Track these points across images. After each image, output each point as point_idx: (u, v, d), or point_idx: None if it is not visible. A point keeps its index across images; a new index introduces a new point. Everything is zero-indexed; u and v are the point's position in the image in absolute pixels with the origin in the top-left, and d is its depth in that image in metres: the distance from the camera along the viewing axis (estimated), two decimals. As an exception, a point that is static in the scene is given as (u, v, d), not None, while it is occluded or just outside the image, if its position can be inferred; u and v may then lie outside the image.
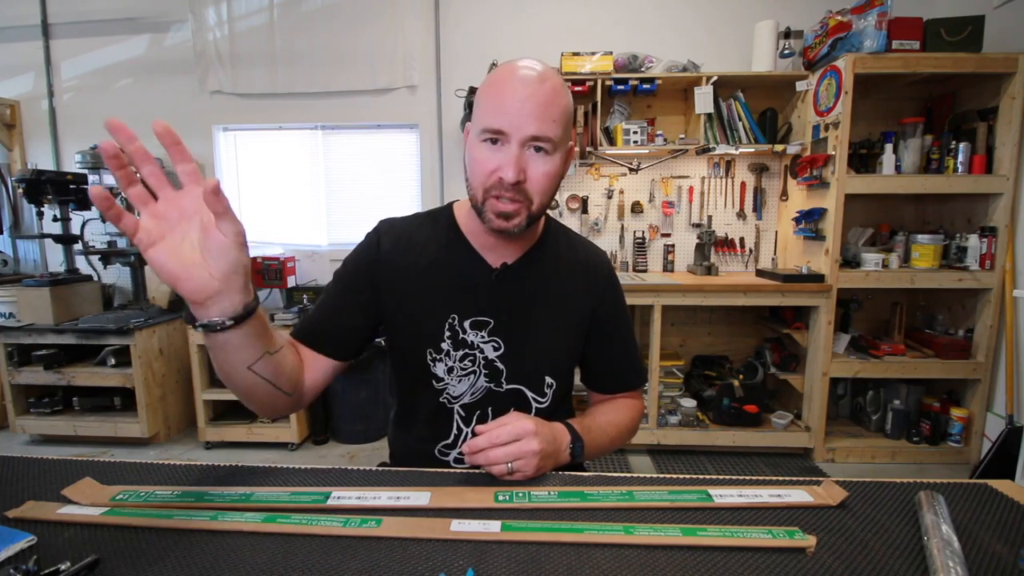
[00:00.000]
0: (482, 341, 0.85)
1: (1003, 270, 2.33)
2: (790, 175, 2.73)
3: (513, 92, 0.73)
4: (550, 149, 0.75)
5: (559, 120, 0.75)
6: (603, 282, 0.93)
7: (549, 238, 0.92)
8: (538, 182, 0.76)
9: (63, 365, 2.68)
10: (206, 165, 3.10)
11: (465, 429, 0.88)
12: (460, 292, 0.86)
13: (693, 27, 2.82)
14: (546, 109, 0.73)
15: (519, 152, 0.74)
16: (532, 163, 0.75)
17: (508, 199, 0.76)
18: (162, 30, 3.00)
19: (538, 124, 0.73)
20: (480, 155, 0.76)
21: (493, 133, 0.74)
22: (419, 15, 2.87)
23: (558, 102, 0.75)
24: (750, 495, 0.68)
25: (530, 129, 0.73)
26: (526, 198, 0.76)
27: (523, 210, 0.77)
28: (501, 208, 0.76)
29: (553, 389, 0.89)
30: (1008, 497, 0.69)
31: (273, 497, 0.68)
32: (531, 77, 0.74)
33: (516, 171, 0.73)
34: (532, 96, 0.73)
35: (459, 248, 0.87)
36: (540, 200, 0.78)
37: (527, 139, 0.73)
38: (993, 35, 2.28)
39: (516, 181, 0.74)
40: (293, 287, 2.86)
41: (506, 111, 0.73)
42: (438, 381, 0.87)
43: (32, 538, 0.59)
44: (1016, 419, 2.28)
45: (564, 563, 0.56)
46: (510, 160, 0.73)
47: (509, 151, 0.74)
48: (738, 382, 2.58)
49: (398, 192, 3.09)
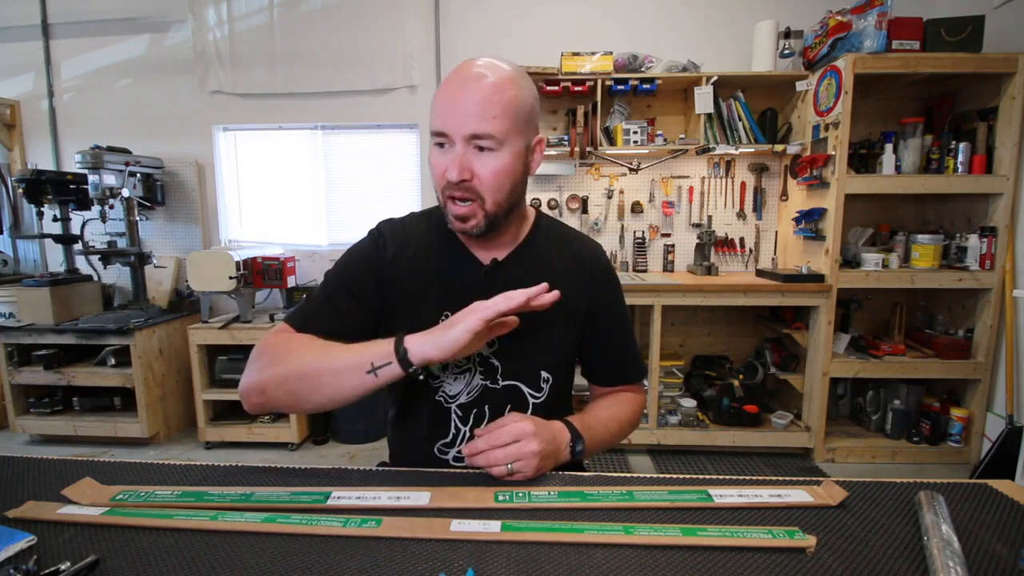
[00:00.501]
0: None
1: (1003, 270, 2.33)
2: (790, 175, 2.73)
3: (452, 93, 0.74)
4: (495, 146, 0.75)
5: (501, 115, 0.74)
6: (599, 276, 0.93)
7: (540, 233, 0.92)
8: (487, 180, 0.76)
9: (63, 365, 2.68)
10: (206, 165, 3.10)
11: (463, 428, 0.88)
12: (452, 290, 0.86)
13: (693, 27, 2.82)
14: (485, 106, 0.73)
15: (463, 151, 0.75)
16: (478, 161, 0.76)
17: (459, 200, 0.78)
18: (162, 30, 3.00)
19: (476, 122, 0.73)
20: (433, 158, 0.79)
21: (438, 136, 0.76)
22: (419, 15, 2.87)
23: (499, 97, 0.74)
24: (750, 495, 0.68)
25: (469, 128, 0.73)
26: (477, 196, 0.77)
27: (478, 210, 0.78)
28: (456, 210, 0.79)
29: (549, 384, 0.89)
30: (1008, 497, 0.69)
31: (273, 497, 0.68)
32: (472, 75, 0.74)
33: (459, 170, 0.74)
34: (471, 95, 0.73)
35: (450, 246, 0.89)
36: (494, 198, 0.78)
37: (467, 138, 0.74)
38: (993, 35, 2.28)
39: (460, 179, 0.75)
40: (293, 287, 2.86)
41: (446, 112, 0.74)
42: (434, 379, 0.87)
43: (32, 538, 0.59)
44: (1016, 419, 2.28)
45: (564, 563, 0.56)
46: (454, 160, 0.75)
47: (454, 151, 0.75)
48: (738, 382, 2.58)
49: (398, 192, 3.09)
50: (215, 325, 2.63)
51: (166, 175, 3.04)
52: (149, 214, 3.07)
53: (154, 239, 3.12)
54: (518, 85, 0.77)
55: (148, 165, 2.88)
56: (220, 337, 2.61)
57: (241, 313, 2.70)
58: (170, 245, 3.13)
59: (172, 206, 3.09)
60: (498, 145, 0.75)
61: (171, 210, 3.10)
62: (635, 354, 0.98)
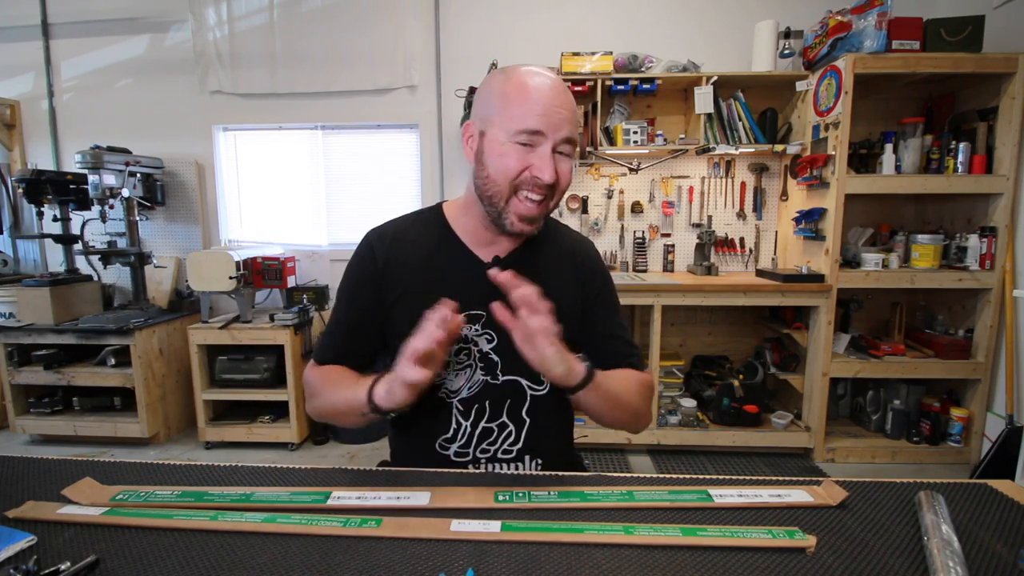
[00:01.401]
0: (475, 334, 0.87)
1: (1003, 270, 2.33)
2: (790, 175, 2.73)
3: (548, 97, 0.78)
4: (571, 152, 0.82)
5: (578, 124, 0.83)
6: (589, 268, 0.96)
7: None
8: (564, 181, 0.82)
9: (63, 365, 2.68)
10: (206, 165, 3.10)
11: (464, 423, 0.88)
12: (452, 287, 0.87)
13: (693, 27, 2.82)
14: (574, 115, 0.80)
15: (549, 153, 0.78)
16: (559, 164, 0.80)
17: (536, 200, 0.80)
18: (162, 30, 3.00)
19: (570, 128, 0.79)
20: (512, 154, 0.79)
21: (530, 134, 0.77)
22: (419, 15, 2.87)
23: (576, 108, 0.82)
24: (750, 495, 0.68)
25: (564, 132, 0.78)
26: (551, 196, 0.82)
27: (545, 210, 0.83)
28: (526, 212, 0.81)
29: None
30: (1008, 497, 0.69)
31: (273, 497, 0.68)
32: (558, 83, 0.80)
33: (552, 172, 0.78)
34: (564, 102, 0.79)
35: (451, 246, 0.90)
36: (558, 199, 0.84)
37: (561, 141, 0.78)
38: (993, 35, 2.28)
39: (552, 181, 0.79)
40: (293, 287, 2.86)
41: (541, 113, 0.77)
42: (435, 375, 0.87)
43: (32, 538, 0.59)
44: (1016, 419, 2.28)
45: (564, 563, 0.56)
46: (547, 161, 0.78)
47: (544, 152, 0.78)
48: (738, 382, 2.58)
49: (398, 192, 3.09)
50: (215, 325, 2.63)
51: (166, 175, 3.04)
52: (149, 214, 3.07)
53: (154, 239, 3.12)
54: None
55: (148, 165, 2.88)
56: (220, 337, 2.61)
57: (241, 313, 2.70)
58: (170, 245, 3.13)
59: (172, 206, 3.09)
60: (573, 152, 0.82)
61: (171, 210, 3.10)
62: (630, 342, 0.98)
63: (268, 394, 2.66)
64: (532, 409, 0.89)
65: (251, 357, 2.67)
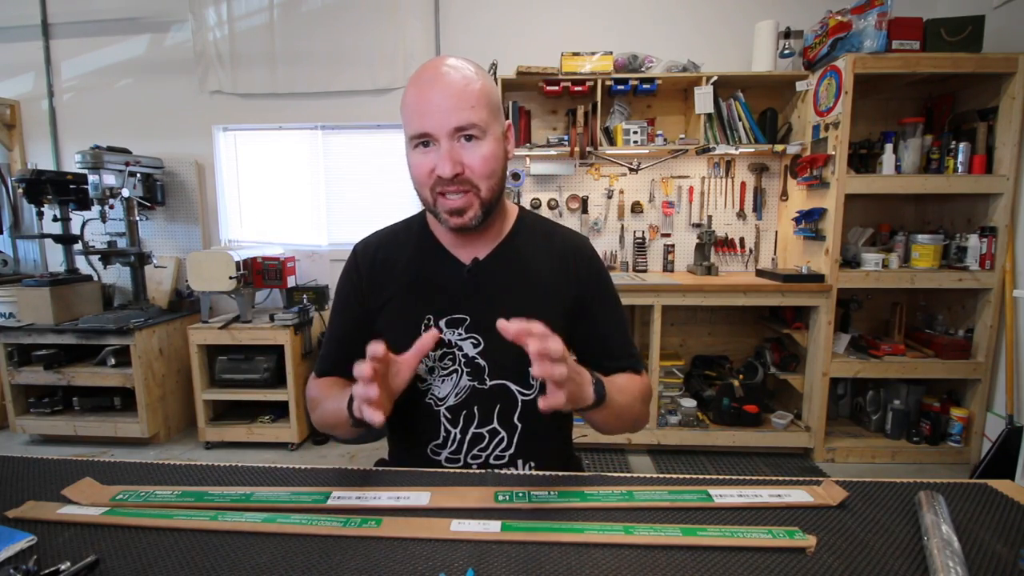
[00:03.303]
0: (460, 339, 0.86)
1: (1003, 270, 2.33)
2: (790, 175, 2.73)
3: (424, 93, 0.75)
4: (479, 134, 0.77)
5: (477, 104, 0.76)
6: (584, 267, 0.92)
7: (523, 229, 0.92)
8: (479, 168, 0.78)
9: (63, 365, 2.68)
10: (206, 165, 3.10)
11: (452, 430, 0.88)
12: (434, 292, 0.88)
13: (693, 27, 2.82)
14: (461, 98, 0.75)
15: (449, 146, 0.75)
16: (466, 152, 0.77)
17: (454, 193, 0.78)
18: (162, 30, 3.00)
19: (457, 115, 0.74)
20: (415, 160, 0.79)
21: (419, 138, 0.77)
22: (419, 15, 2.88)
23: (471, 88, 0.76)
24: (750, 495, 0.68)
25: (451, 122, 0.75)
26: (472, 186, 0.78)
27: (473, 200, 0.79)
28: (451, 205, 0.78)
29: (539, 380, 0.87)
30: (1008, 497, 0.69)
31: (273, 497, 0.68)
32: (438, 73, 0.76)
33: (451, 165, 0.75)
34: (444, 89, 0.75)
35: (432, 250, 0.90)
36: (487, 185, 0.79)
37: (452, 132, 0.75)
38: (993, 35, 2.28)
39: (455, 174, 0.76)
40: (293, 287, 2.86)
41: (424, 112, 0.75)
42: (421, 382, 0.87)
43: (32, 538, 0.59)
44: (1016, 419, 2.28)
45: (564, 563, 0.56)
46: (443, 157, 0.75)
47: (440, 149, 0.76)
48: (738, 382, 2.58)
49: (398, 192, 3.09)
50: (215, 325, 2.63)
51: (166, 175, 3.04)
52: (149, 214, 3.07)
53: (154, 239, 3.12)
54: (482, 75, 0.79)
55: (148, 165, 2.88)
56: (220, 337, 2.61)
57: (241, 313, 2.70)
58: (170, 245, 3.13)
59: (172, 206, 3.09)
60: (482, 133, 0.77)
61: (171, 210, 3.10)
62: (630, 345, 0.96)
63: (268, 394, 2.66)
64: (524, 414, 0.87)
65: (251, 357, 2.67)
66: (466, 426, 0.87)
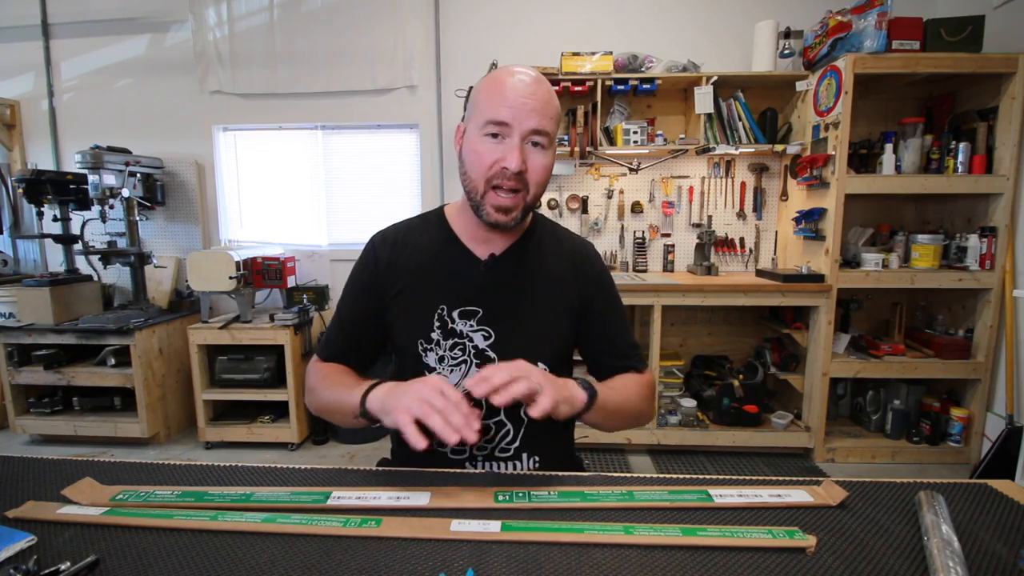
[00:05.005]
0: (471, 330, 0.88)
1: (1003, 270, 2.33)
2: (790, 175, 2.73)
3: (515, 88, 0.79)
4: (546, 144, 0.81)
5: (554, 118, 0.82)
6: (592, 271, 0.96)
7: (537, 230, 0.96)
8: (537, 173, 0.82)
9: (63, 365, 2.68)
10: (206, 165, 3.10)
11: None
12: (449, 284, 0.90)
13: (693, 27, 2.82)
14: (545, 107, 0.80)
15: (520, 144, 0.79)
16: (531, 156, 0.81)
17: (508, 191, 0.81)
18: (162, 30, 2.99)
19: (539, 119, 0.79)
20: (482, 148, 0.81)
21: (497, 125, 0.79)
22: (419, 15, 2.87)
23: (553, 102, 0.82)
24: (750, 495, 0.68)
25: (532, 123, 0.78)
26: (525, 187, 0.82)
27: (520, 202, 0.83)
28: (500, 202, 0.82)
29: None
30: (1008, 497, 0.69)
31: (273, 497, 0.68)
32: (531, 77, 0.81)
33: (519, 160, 0.78)
34: (533, 93, 0.79)
35: (450, 245, 0.92)
36: (536, 191, 0.84)
37: (528, 132, 0.79)
38: (993, 35, 2.28)
39: (519, 170, 0.79)
40: (293, 287, 2.86)
41: (509, 105, 0.78)
42: (430, 371, 0.88)
43: (32, 538, 0.59)
44: (1016, 419, 2.28)
45: (564, 563, 0.56)
46: (513, 150, 0.78)
47: (512, 143, 0.79)
48: (738, 382, 2.58)
49: (398, 192, 3.09)
50: (215, 325, 2.63)
51: (166, 175, 3.04)
52: (149, 214, 3.07)
53: (154, 239, 3.12)
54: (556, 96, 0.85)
55: (148, 165, 2.88)
56: (220, 337, 2.61)
57: (241, 313, 2.70)
58: (170, 245, 3.13)
59: (172, 206, 3.09)
60: (548, 144, 0.82)
61: (171, 210, 3.10)
62: (633, 346, 0.99)
63: (268, 394, 2.66)
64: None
65: (251, 357, 2.67)
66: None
